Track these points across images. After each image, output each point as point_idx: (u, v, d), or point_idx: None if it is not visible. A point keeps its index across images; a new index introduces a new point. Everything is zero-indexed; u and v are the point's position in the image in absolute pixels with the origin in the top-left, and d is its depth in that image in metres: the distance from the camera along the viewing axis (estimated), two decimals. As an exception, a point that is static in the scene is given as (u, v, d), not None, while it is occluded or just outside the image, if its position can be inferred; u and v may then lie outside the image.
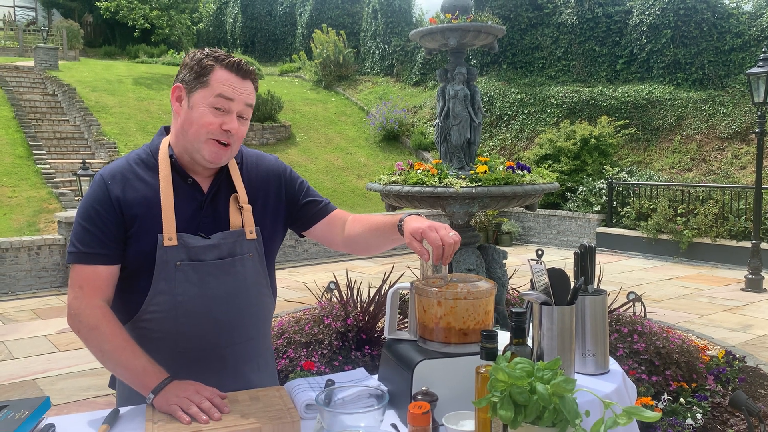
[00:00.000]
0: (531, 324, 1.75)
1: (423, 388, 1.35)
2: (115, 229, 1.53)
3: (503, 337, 1.57)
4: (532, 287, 1.76)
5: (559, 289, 1.68)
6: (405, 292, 1.59)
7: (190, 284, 1.54)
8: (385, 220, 1.63)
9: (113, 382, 1.75)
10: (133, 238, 1.54)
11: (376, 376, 1.61)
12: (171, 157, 1.58)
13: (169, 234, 1.53)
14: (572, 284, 1.71)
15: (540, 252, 1.58)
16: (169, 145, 1.60)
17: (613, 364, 1.90)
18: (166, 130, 1.66)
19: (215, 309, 1.56)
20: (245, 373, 1.64)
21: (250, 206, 1.63)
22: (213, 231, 1.59)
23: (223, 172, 1.63)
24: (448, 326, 1.45)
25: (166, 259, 1.53)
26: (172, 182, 1.56)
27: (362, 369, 1.69)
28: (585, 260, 1.92)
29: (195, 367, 1.57)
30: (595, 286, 1.93)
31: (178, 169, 1.58)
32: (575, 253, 1.93)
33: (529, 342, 1.69)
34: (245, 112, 1.55)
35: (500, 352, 1.32)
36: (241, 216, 1.61)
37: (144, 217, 1.54)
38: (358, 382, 1.58)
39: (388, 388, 1.50)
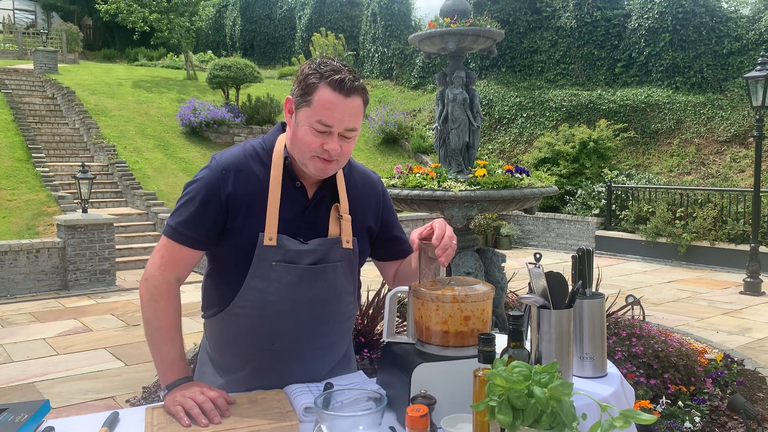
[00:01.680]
0: (529, 327, 1.76)
1: (421, 391, 1.35)
2: (213, 218, 1.56)
3: (501, 341, 1.57)
4: (531, 291, 1.77)
5: (557, 293, 1.68)
6: (403, 295, 1.60)
7: (282, 285, 1.57)
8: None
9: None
10: (234, 231, 1.56)
11: (374, 380, 1.61)
12: (286, 158, 1.60)
13: (270, 234, 1.55)
14: (570, 288, 1.72)
15: (538, 256, 1.58)
16: (285, 146, 1.62)
17: (611, 368, 1.90)
18: (283, 126, 1.67)
19: (302, 312, 1.59)
20: (324, 375, 1.67)
21: (350, 217, 1.65)
22: (311, 236, 1.60)
23: (330, 182, 1.65)
24: (446, 329, 1.46)
25: (263, 257, 1.55)
26: (281, 183, 1.59)
27: (361, 372, 1.69)
28: (583, 264, 1.92)
29: (275, 367, 1.61)
30: (593, 290, 1.94)
31: (289, 171, 1.60)
32: (573, 257, 1.94)
33: (528, 345, 1.70)
34: (348, 133, 1.54)
35: (498, 356, 1.33)
36: (340, 225, 1.64)
37: (249, 212, 1.56)
38: (357, 385, 1.58)
39: (387, 391, 1.51)
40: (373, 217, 1.74)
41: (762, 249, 8.33)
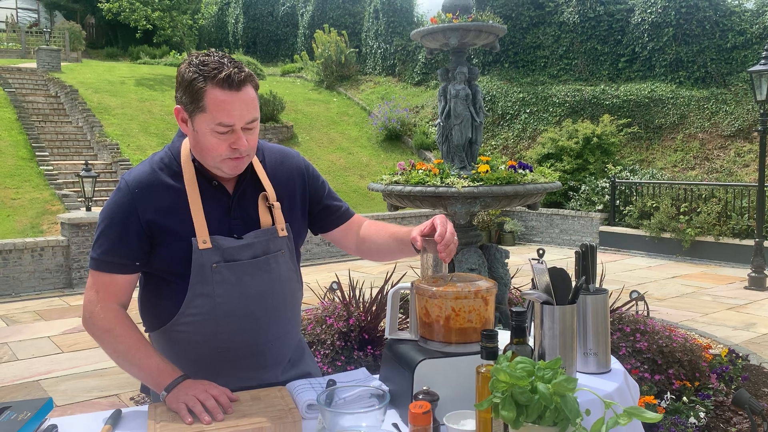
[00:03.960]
0: (533, 323, 1.75)
1: (424, 388, 1.35)
2: (137, 240, 1.53)
3: (505, 337, 1.57)
4: (534, 286, 1.76)
5: (561, 289, 1.67)
6: (406, 292, 1.59)
7: (228, 285, 1.55)
8: (400, 230, 1.68)
9: (146, 388, 1.77)
10: (162, 246, 1.54)
11: (377, 376, 1.61)
12: (194, 161, 1.58)
13: (203, 237, 1.53)
14: (573, 283, 1.72)
15: (541, 251, 1.58)
16: (190, 150, 1.59)
17: (615, 363, 1.90)
18: None
19: (254, 307, 1.57)
20: (284, 367, 1.67)
21: (279, 204, 1.64)
22: (244, 231, 1.59)
23: (248, 173, 1.62)
24: (448, 326, 1.45)
25: (201, 262, 1.53)
26: (198, 186, 1.56)
27: (364, 369, 1.69)
28: (586, 259, 1.92)
29: (235, 366, 1.60)
30: (597, 285, 1.93)
31: (202, 173, 1.58)
32: (576, 253, 1.93)
33: (531, 341, 1.70)
34: (250, 125, 1.51)
35: (501, 352, 1.33)
36: (271, 214, 1.62)
37: (173, 224, 1.53)
38: (360, 382, 1.58)
39: (390, 387, 1.50)
40: (301, 194, 1.72)
41: (766, 244, 8.29)
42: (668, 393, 3.55)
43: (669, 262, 9.61)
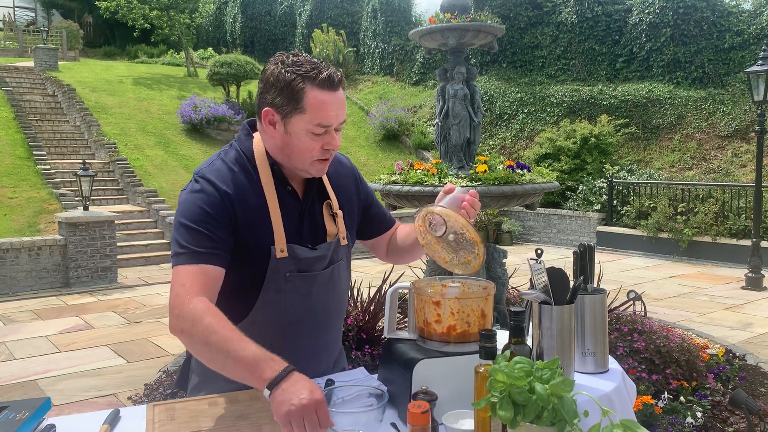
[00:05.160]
0: (531, 323, 1.75)
1: (422, 388, 1.35)
2: (227, 230, 1.47)
3: (503, 337, 1.57)
4: (532, 286, 1.76)
5: (559, 288, 1.68)
6: (404, 291, 1.60)
7: (297, 294, 1.54)
8: None
9: (182, 382, 1.72)
10: (241, 245, 1.49)
11: (376, 376, 1.61)
12: (273, 165, 1.54)
13: (281, 245, 1.50)
14: (571, 283, 1.72)
15: (539, 251, 1.57)
16: (266, 151, 1.54)
17: (613, 363, 1.90)
18: (250, 125, 1.61)
19: (317, 316, 1.56)
20: (326, 371, 1.67)
21: (341, 212, 1.63)
22: (313, 239, 1.57)
23: (316, 178, 1.59)
24: (447, 325, 1.46)
25: (276, 270, 1.51)
26: (275, 190, 1.53)
27: (362, 368, 1.69)
28: (584, 259, 1.92)
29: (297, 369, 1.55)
30: (595, 285, 1.93)
31: (278, 176, 1.55)
32: (574, 252, 1.93)
33: (529, 341, 1.70)
34: (341, 126, 1.50)
35: (499, 351, 1.33)
36: (335, 223, 1.61)
37: (253, 225, 1.50)
38: (358, 381, 1.58)
39: (388, 387, 1.50)
40: (356, 201, 1.72)
41: (763, 244, 8.31)
42: (666, 393, 3.56)
43: (666, 262, 9.63)
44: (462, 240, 1.51)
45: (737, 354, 4.65)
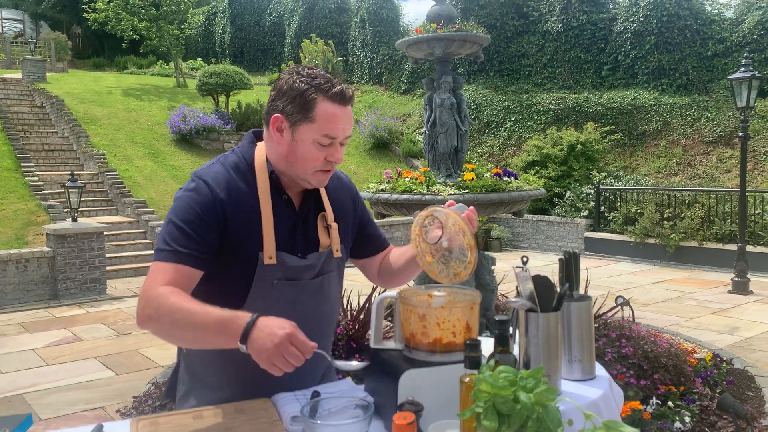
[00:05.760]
0: (517, 331, 1.76)
1: (408, 398, 1.35)
2: (215, 234, 1.49)
3: (490, 344, 1.58)
4: (518, 294, 1.77)
5: (544, 296, 1.69)
6: (391, 301, 1.60)
7: (284, 302, 1.55)
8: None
9: (171, 392, 1.73)
10: (230, 250, 1.50)
11: (363, 387, 1.61)
12: (271, 173, 1.56)
13: (269, 252, 1.52)
14: (557, 290, 1.73)
15: (525, 259, 1.57)
16: (267, 159, 1.57)
17: (600, 370, 1.91)
18: (255, 134, 1.64)
19: (305, 327, 1.51)
20: (314, 382, 1.67)
21: (336, 225, 1.65)
22: (305, 249, 1.59)
23: (314, 190, 1.63)
24: (433, 335, 1.46)
25: (263, 277, 1.52)
26: (270, 198, 1.55)
27: (349, 380, 1.69)
28: (570, 266, 1.93)
29: (274, 383, 1.52)
30: (582, 292, 1.95)
31: (276, 185, 1.57)
32: (560, 260, 1.94)
33: (516, 349, 1.71)
34: (346, 140, 1.55)
35: (486, 360, 1.34)
36: (329, 235, 1.63)
37: (243, 230, 1.51)
38: (345, 392, 1.58)
39: (375, 398, 1.51)
40: (352, 219, 1.75)
41: (749, 248, 8.39)
42: (654, 398, 3.58)
43: (654, 267, 9.69)
44: (455, 246, 1.52)
45: (725, 358, 4.69)
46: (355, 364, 1.46)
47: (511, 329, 1.85)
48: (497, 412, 1.09)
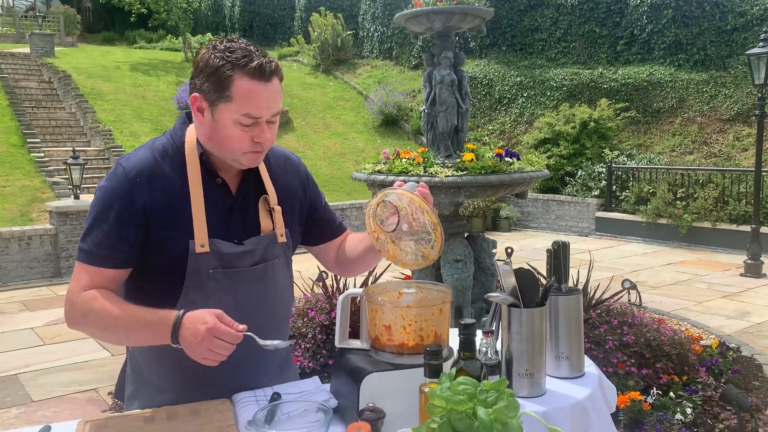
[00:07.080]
0: (500, 326, 1.67)
1: (369, 405, 1.26)
2: (133, 233, 1.40)
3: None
4: (501, 288, 1.67)
5: (528, 290, 1.60)
6: (358, 297, 1.50)
7: (223, 292, 1.46)
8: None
9: (120, 392, 1.69)
10: (158, 242, 1.42)
11: (329, 386, 1.52)
12: (201, 155, 1.46)
13: (201, 240, 1.42)
14: (542, 284, 1.63)
15: (510, 250, 1.50)
16: (197, 141, 1.47)
17: (589, 366, 1.83)
18: (188, 116, 1.53)
19: (248, 316, 1.44)
20: (273, 375, 1.60)
21: (280, 208, 1.54)
22: (243, 234, 1.49)
23: (253, 172, 1.53)
24: (400, 336, 1.36)
25: (197, 267, 1.43)
26: (201, 182, 1.45)
27: (316, 378, 1.60)
28: (558, 258, 1.83)
29: (227, 376, 1.50)
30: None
31: (207, 168, 1.47)
32: (548, 251, 1.84)
33: (499, 345, 1.61)
34: (273, 118, 1.42)
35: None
36: (272, 218, 1.53)
37: (172, 219, 1.42)
38: (309, 393, 1.49)
39: (339, 400, 1.41)
40: (300, 200, 1.63)
41: (763, 230, 8.18)
42: (655, 388, 3.47)
43: (665, 249, 9.51)
44: (417, 227, 1.40)
45: (731, 345, 4.56)
46: (277, 342, 1.39)
47: (493, 326, 1.76)
48: (453, 429, 0.98)
